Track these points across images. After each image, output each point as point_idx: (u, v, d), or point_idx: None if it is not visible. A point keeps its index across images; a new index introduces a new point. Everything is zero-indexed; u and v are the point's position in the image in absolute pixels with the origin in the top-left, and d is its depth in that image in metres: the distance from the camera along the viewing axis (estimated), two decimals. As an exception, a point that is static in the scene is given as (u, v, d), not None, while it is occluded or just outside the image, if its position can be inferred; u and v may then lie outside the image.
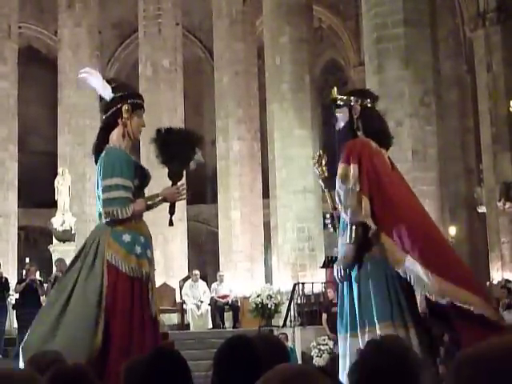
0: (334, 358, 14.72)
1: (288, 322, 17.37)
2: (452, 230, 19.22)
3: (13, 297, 15.96)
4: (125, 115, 5.82)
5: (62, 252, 19.59)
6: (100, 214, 5.88)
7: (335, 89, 6.46)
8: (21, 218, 24.81)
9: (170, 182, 6.06)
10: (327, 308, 16.00)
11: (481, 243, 23.42)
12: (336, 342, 15.00)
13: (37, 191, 25.56)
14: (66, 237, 21.64)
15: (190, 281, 20.45)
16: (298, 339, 15.97)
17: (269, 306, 19.20)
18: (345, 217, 5.93)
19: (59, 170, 23.01)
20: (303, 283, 18.60)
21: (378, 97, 6.46)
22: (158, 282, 22.01)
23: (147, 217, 6.10)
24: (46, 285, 14.71)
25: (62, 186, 22.25)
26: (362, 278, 5.91)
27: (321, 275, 19.19)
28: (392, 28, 17.74)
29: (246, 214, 24.26)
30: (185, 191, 5.99)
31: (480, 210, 23.79)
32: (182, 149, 6.16)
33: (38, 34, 30.17)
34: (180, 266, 23.63)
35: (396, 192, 6.14)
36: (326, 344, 15.15)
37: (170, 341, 14.63)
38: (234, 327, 19.48)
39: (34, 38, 30.27)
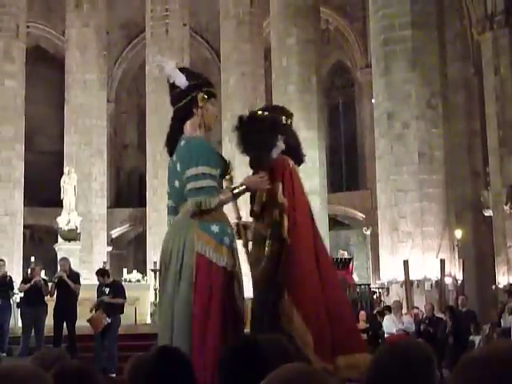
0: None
1: (293, 324, 17.34)
2: (458, 233, 19.14)
3: (17, 295, 15.94)
4: (200, 103, 5.54)
5: (67, 251, 19.60)
6: (172, 208, 5.48)
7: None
8: (26, 217, 24.84)
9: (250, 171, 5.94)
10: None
11: (487, 247, 23.32)
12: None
13: (43, 190, 25.59)
14: (72, 236, 21.65)
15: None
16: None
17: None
18: (262, 231, 5.79)
19: (65, 170, 23.02)
20: (308, 285, 18.56)
21: (293, 114, 6.28)
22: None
23: (151, 216, 6.06)
24: (50, 284, 14.68)
25: (68, 185, 22.26)
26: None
27: (326, 277, 19.18)
28: (399, 30, 17.73)
29: (252, 215, 24.24)
30: (268, 180, 5.82)
31: (486, 214, 23.70)
32: (265, 136, 5.93)
33: (46, 33, 30.20)
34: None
35: (303, 221, 5.91)
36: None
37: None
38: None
39: (41, 37, 30.30)
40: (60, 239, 21.74)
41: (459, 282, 17.61)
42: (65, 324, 14.06)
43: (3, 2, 24.88)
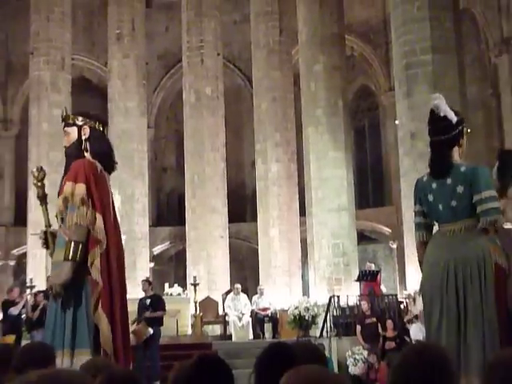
0: (369, 366, 14.64)
1: (324, 333, 17.28)
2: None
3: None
4: (465, 136, 5.94)
5: (112, 268, 19.68)
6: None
7: (66, 108, 6.33)
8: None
9: None
10: (361, 320, 15.92)
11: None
12: (370, 352, 14.93)
13: (89, 211, 25.73)
14: (116, 253, 21.76)
15: (231, 294, 20.44)
16: (334, 349, 15.87)
17: (306, 317, 19.12)
18: (66, 233, 5.75)
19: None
20: (338, 296, 18.50)
21: (100, 121, 6.27)
22: (202, 296, 22.15)
23: (190, 234, 6.12)
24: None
25: (112, 206, 22.39)
26: (78, 297, 5.77)
27: (355, 288, 19.10)
28: (420, 55, 17.70)
29: (284, 231, 24.24)
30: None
31: (506, 227, 23.50)
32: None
33: (90, 65, 30.49)
34: (223, 281, 23.65)
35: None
36: (361, 353, 15.05)
37: (213, 350, 14.65)
38: (273, 338, 19.40)
39: (85, 68, 30.59)
40: (105, 256, 21.84)
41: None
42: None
43: (50, 36, 25.20)
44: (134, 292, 16.16)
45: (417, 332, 14.40)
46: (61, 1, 25.70)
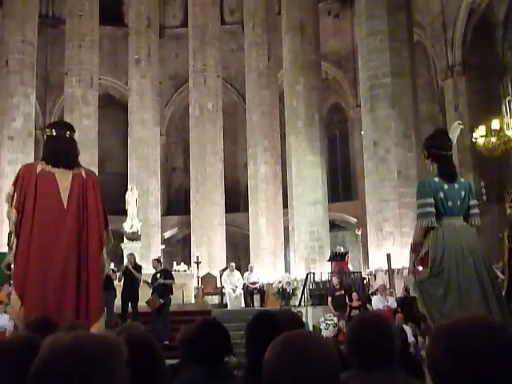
0: (338, 330, 14.67)
1: (302, 303, 17.31)
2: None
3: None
4: None
5: (131, 248, 19.69)
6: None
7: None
8: (100, 223, 24.90)
9: None
10: (332, 292, 15.95)
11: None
12: (339, 318, 14.97)
13: (112, 202, 25.69)
14: (134, 237, 21.77)
15: (227, 271, 20.46)
16: (310, 316, 15.90)
17: (287, 290, 19.15)
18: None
19: (129, 187, 23.14)
20: (314, 273, 18.55)
21: (73, 127, 6.04)
22: (203, 272, 22.12)
23: (194, 221, 6.06)
24: (117, 273, 14.80)
25: (131, 198, 22.37)
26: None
27: (327, 267, 19.16)
28: (381, 78, 17.75)
29: (270, 220, 24.27)
30: None
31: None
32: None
33: (114, 84, 30.40)
34: (220, 260, 23.67)
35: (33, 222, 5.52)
36: (332, 320, 15.08)
37: (212, 316, 14.66)
38: (261, 306, 19.43)
39: (110, 87, 30.50)
40: (125, 239, 21.84)
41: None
42: (129, 304, 14.14)
43: (81, 60, 25.14)
44: (150, 268, 16.20)
45: (377, 302, 14.42)
46: (90, 31, 25.63)
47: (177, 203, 30.84)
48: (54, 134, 5.75)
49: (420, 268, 5.86)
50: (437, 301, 5.61)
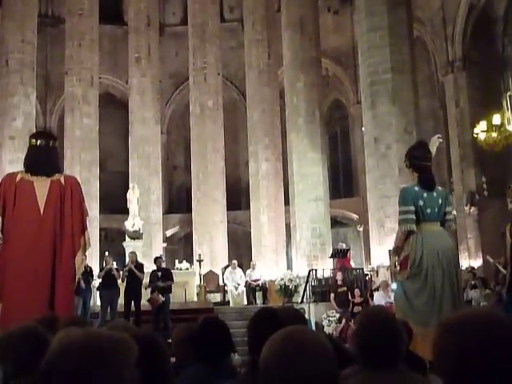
0: (342, 328, 14.67)
1: (305, 299, 17.32)
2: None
3: (96, 281, 16.06)
4: None
5: (132, 247, 19.72)
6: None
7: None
8: (102, 222, 24.97)
9: None
10: (334, 288, 15.96)
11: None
12: (342, 315, 14.98)
13: (114, 201, 25.72)
14: (136, 235, 21.77)
15: (229, 268, 20.46)
16: (313, 312, 15.91)
17: (290, 287, 19.16)
18: None
19: (130, 185, 23.14)
20: (316, 270, 18.55)
21: (56, 138, 6.22)
22: (206, 270, 22.12)
23: (196, 219, 6.07)
24: (121, 272, 14.81)
25: (133, 197, 22.38)
26: None
27: (329, 263, 19.16)
28: (382, 74, 17.71)
29: (272, 217, 24.27)
30: None
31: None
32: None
33: (114, 82, 30.37)
34: (222, 257, 23.67)
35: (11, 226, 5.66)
36: (334, 316, 15.09)
37: (215, 313, 14.66)
38: (263, 303, 19.44)
39: (110, 86, 30.48)
40: (127, 238, 21.85)
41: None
42: (132, 302, 14.16)
43: (81, 59, 25.09)
44: (152, 266, 16.21)
45: (379, 298, 14.42)
46: (90, 30, 25.59)
47: (178, 201, 30.84)
48: (37, 143, 5.85)
49: (398, 268, 6.50)
50: (410, 295, 6.27)
